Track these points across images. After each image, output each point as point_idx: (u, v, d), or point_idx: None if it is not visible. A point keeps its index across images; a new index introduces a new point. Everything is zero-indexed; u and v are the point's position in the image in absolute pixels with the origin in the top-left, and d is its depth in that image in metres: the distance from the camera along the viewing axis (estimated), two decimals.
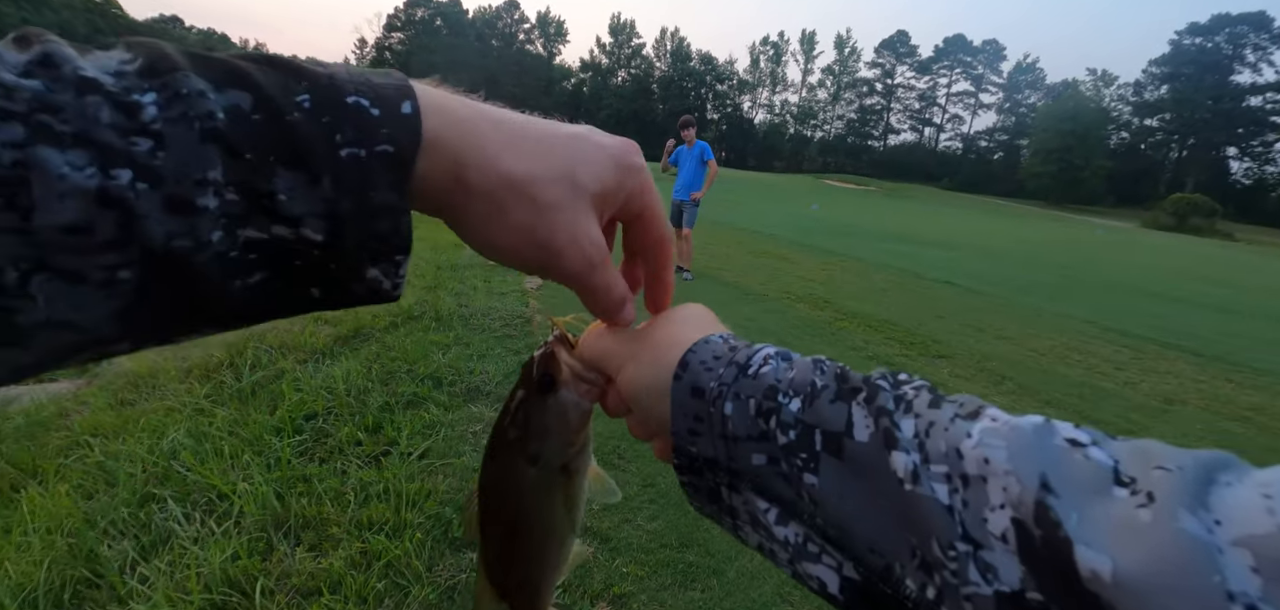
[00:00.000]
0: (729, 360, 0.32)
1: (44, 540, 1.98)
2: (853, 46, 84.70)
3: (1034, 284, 8.99)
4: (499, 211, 0.30)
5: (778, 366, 0.31)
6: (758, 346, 0.33)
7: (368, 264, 0.27)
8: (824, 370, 0.30)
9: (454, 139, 0.28)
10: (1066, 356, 5.14)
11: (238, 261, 0.24)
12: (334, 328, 4.05)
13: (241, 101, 0.23)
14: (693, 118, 6.82)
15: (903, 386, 0.28)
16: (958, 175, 73.96)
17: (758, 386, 0.30)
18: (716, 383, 0.31)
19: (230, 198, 0.23)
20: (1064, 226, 27.70)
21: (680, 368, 0.33)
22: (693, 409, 0.32)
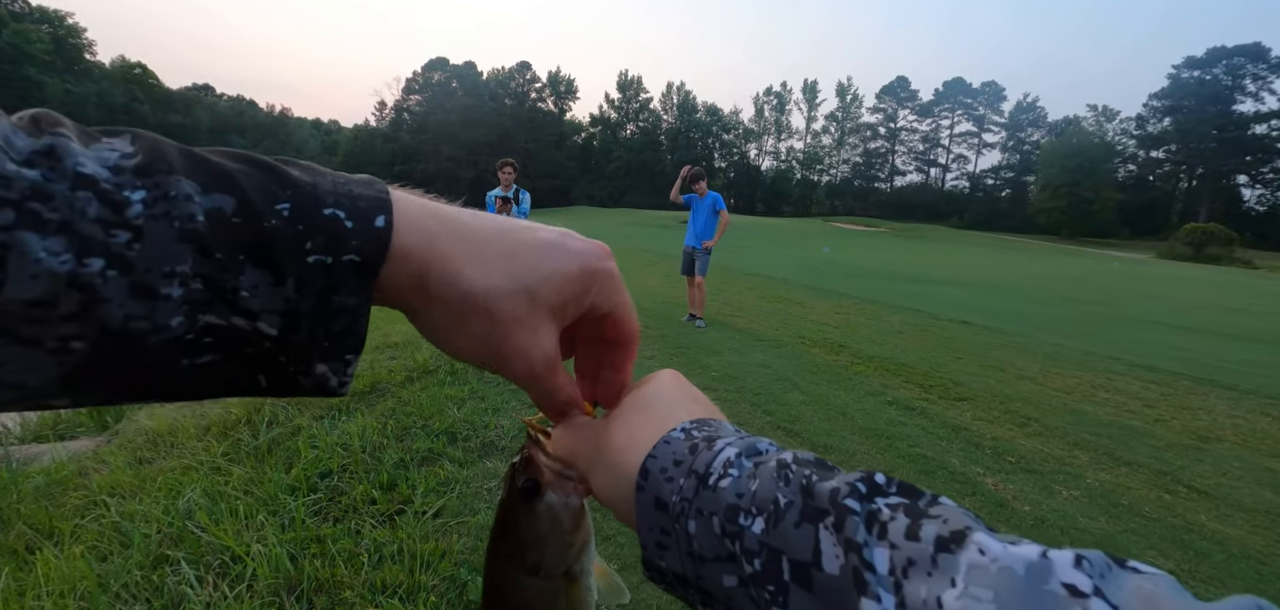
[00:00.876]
0: (689, 468, 0.29)
1: (57, 604, 1.95)
2: (854, 93, 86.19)
3: (1053, 320, 8.85)
4: (456, 320, 0.31)
5: (739, 478, 0.28)
6: (720, 443, 0.30)
7: (318, 360, 0.28)
8: (789, 480, 0.26)
9: (421, 251, 0.30)
10: (1092, 395, 5.01)
11: (192, 343, 0.25)
12: (351, 381, 4.05)
13: (224, 204, 0.25)
14: (702, 169, 6.91)
15: (876, 503, 0.24)
16: (966, 213, 73.97)
17: (719, 503, 0.27)
18: (678, 497, 0.29)
19: (195, 287, 0.25)
20: (1078, 260, 27.43)
21: (641, 476, 0.31)
22: (658, 522, 0.30)
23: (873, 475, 0.25)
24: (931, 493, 0.24)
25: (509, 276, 0.32)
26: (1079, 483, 3.34)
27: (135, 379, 0.25)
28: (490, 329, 0.32)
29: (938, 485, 3.20)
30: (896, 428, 3.99)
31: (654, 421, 0.33)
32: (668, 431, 0.32)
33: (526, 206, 6.33)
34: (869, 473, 0.25)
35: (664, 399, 0.36)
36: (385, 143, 72.72)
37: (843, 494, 0.24)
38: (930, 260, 21.17)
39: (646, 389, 0.37)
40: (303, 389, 0.29)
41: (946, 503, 0.23)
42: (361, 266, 0.28)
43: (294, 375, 0.28)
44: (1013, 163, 77.73)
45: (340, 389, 0.30)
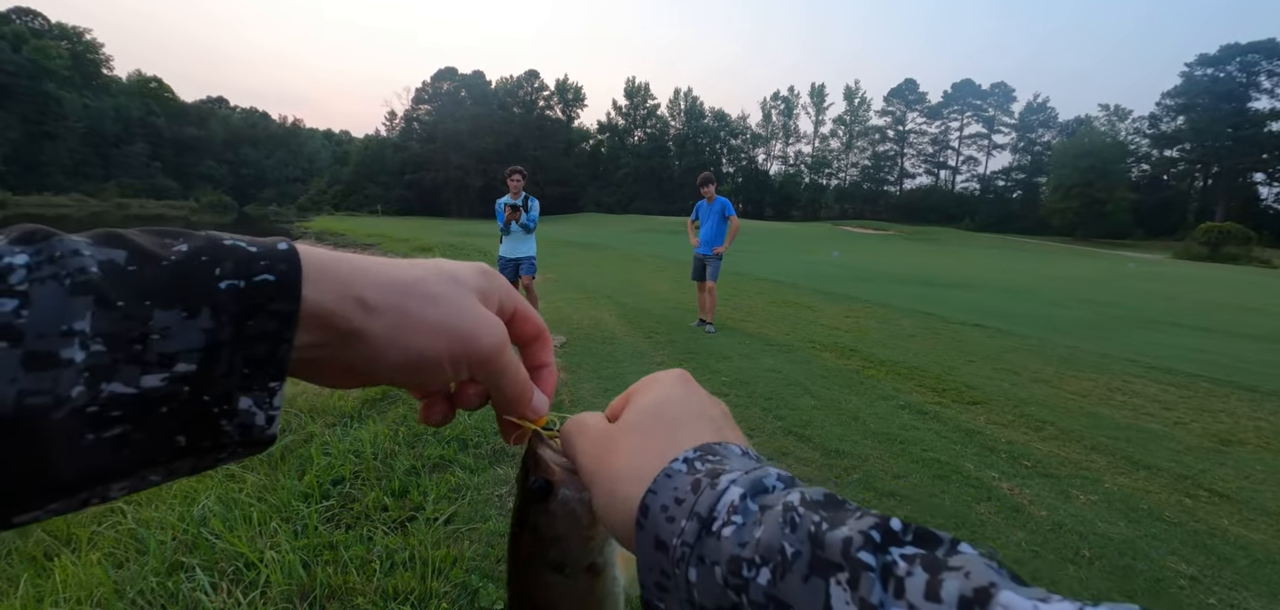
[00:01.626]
0: (691, 510, 0.27)
1: None
2: (862, 96, 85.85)
3: (1067, 322, 8.75)
4: (403, 316, 0.31)
5: (743, 525, 0.26)
6: (724, 480, 0.28)
7: (239, 393, 0.26)
8: (796, 525, 0.24)
9: (337, 266, 0.29)
10: (1109, 398, 4.94)
11: (96, 416, 0.23)
12: (362, 392, 4.08)
13: (116, 257, 0.24)
14: (711, 175, 6.91)
15: (891, 554, 0.22)
16: (977, 215, 73.34)
17: (722, 552, 0.25)
18: (679, 540, 0.27)
19: (96, 349, 0.22)
20: (1093, 261, 27.12)
21: (641, 513, 0.29)
22: (658, 563, 0.28)
23: (888, 522, 0.23)
24: (950, 538, 0.22)
25: (427, 271, 0.33)
26: (1097, 487, 3.29)
27: (30, 473, 0.22)
28: (440, 309, 0.32)
29: (952, 490, 3.16)
30: (909, 432, 3.95)
31: (656, 444, 0.31)
32: (670, 462, 0.30)
33: (536, 213, 6.36)
34: (883, 518, 0.23)
35: (668, 413, 0.33)
36: (395, 152, 73.30)
37: (856, 546, 0.22)
38: (941, 263, 21.01)
39: (649, 398, 0.35)
40: (226, 439, 0.27)
41: (967, 551, 0.21)
42: (278, 286, 0.27)
43: (216, 420, 0.26)
44: (1024, 164, 77.04)
45: (268, 429, 0.28)
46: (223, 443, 0.27)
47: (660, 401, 0.34)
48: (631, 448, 0.32)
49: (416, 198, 67.91)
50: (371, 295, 0.30)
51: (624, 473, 0.31)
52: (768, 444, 3.65)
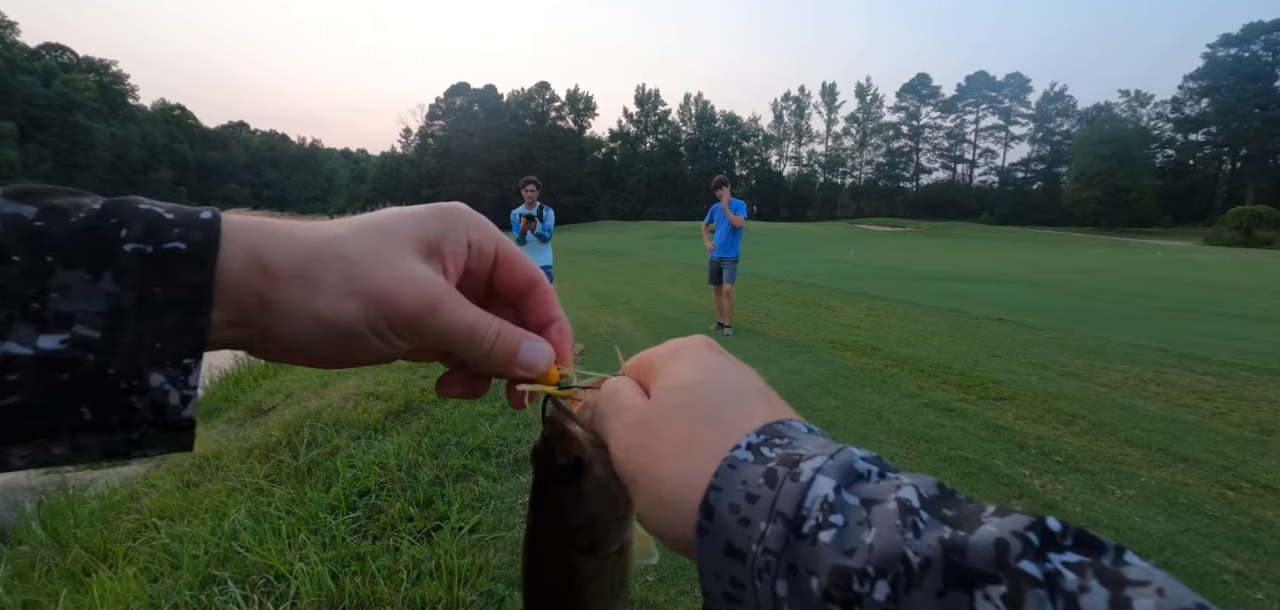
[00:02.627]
0: (771, 508, 0.23)
1: None
2: (874, 93, 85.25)
3: (1094, 314, 8.56)
4: (312, 284, 0.27)
5: (846, 527, 0.21)
6: (805, 468, 0.23)
7: (150, 368, 0.24)
8: (919, 528, 0.20)
9: (249, 231, 0.27)
10: (1141, 389, 4.81)
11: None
12: (385, 403, 4.13)
13: (24, 211, 0.23)
14: (725, 177, 6.88)
15: (1052, 562, 0.18)
16: (997, 208, 72.21)
17: (821, 562, 0.21)
18: (759, 547, 0.22)
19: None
20: (1119, 251, 26.54)
21: (703, 515, 0.24)
22: (727, 571, 0.24)
23: (1044, 521, 0.19)
24: (1114, 543, 0.18)
25: (351, 225, 0.30)
26: (1133, 481, 3.20)
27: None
28: (351, 269, 0.28)
29: (982, 488, 3.10)
30: (935, 430, 3.89)
31: (708, 430, 0.27)
32: (730, 450, 0.25)
33: (551, 223, 6.39)
34: (1037, 516, 0.19)
35: (711, 389, 0.29)
36: (411, 168, 74.44)
37: (1015, 553, 0.18)
38: (961, 258, 20.71)
39: (681, 371, 0.30)
40: (135, 417, 0.24)
41: (1137, 562, 0.18)
42: (188, 254, 0.25)
43: (125, 396, 0.24)
44: (1043, 154, 75.73)
45: (183, 411, 0.25)
46: (133, 421, 0.24)
47: (697, 375, 0.29)
48: (679, 437, 0.27)
49: None
50: (276, 260, 0.27)
51: (674, 469, 0.27)
52: None
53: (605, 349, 6.07)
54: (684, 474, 0.26)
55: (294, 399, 4.49)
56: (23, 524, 3.01)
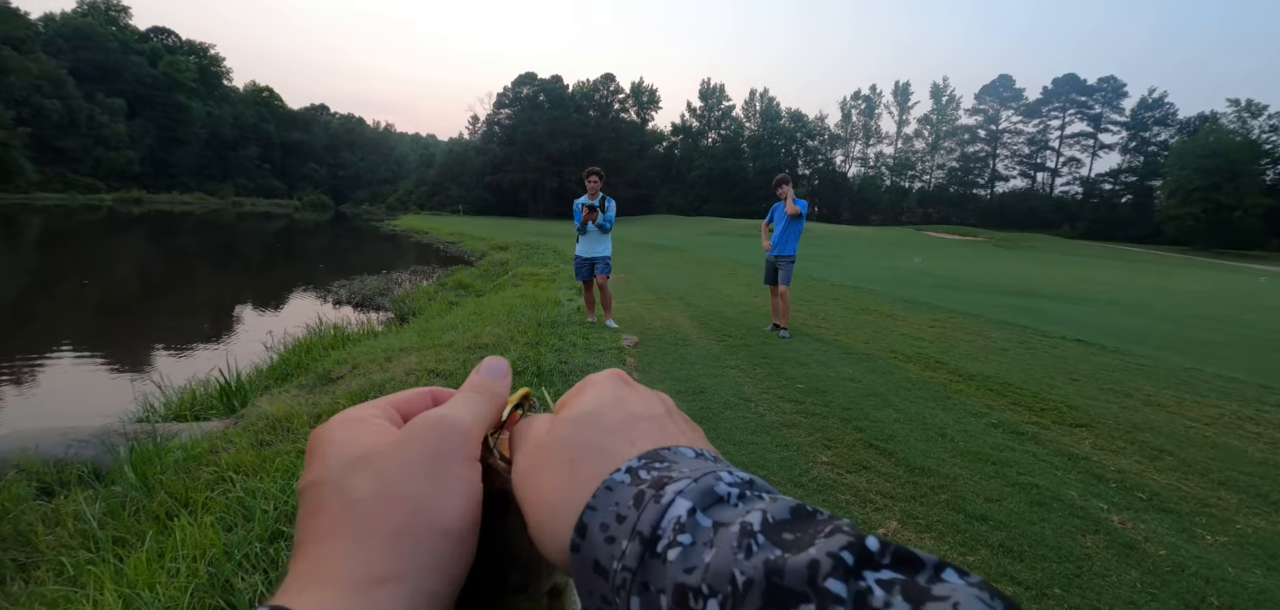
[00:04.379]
0: (633, 528, 0.24)
1: (189, 568, 2.15)
2: (951, 94, 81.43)
3: (1186, 342, 7.90)
4: None
5: (691, 546, 0.22)
6: (670, 491, 0.24)
7: None
8: (752, 551, 0.21)
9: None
10: (1238, 428, 4.41)
11: None
12: (445, 380, 4.26)
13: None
14: (787, 175, 6.72)
15: (866, 580, 0.19)
16: (1079, 222, 67.77)
17: (666, 579, 0.22)
18: (619, 564, 0.24)
19: None
20: (1217, 274, 24.38)
21: (577, 533, 0.25)
22: (598, 589, 0.24)
23: (863, 541, 0.20)
24: (935, 560, 0.19)
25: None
26: (1227, 528, 2.93)
27: None
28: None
29: (1053, 519, 2.91)
30: (1003, 453, 3.68)
31: (591, 455, 0.28)
32: (610, 473, 0.26)
33: (612, 214, 6.43)
34: (858, 536, 0.20)
35: (605, 418, 0.29)
36: (477, 155, 76.47)
37: (824, 572, 0.19)
38: (1037, 272, 19.54)
39: (580, 403, 0.31)
40: None
41: (954, 579, 0.18)
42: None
43: None
44: (1135, 165, 70.38)
45: None
46: None
47: (594, 405, 0.30)
48: (565, 461, 0.28)
49: (496, 198, 70.58)
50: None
51: (555, 489, 0.27)
52: (846, 456, 3.50)
53: (659, 343, 6.06)
54: (565, 496, 0.27)
55: (360, 370, 4.70)
56: (116, 466, 3.28)
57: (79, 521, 2.74)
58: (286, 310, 11.19)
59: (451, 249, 23.91)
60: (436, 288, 12.35)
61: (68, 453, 3.48)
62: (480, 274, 14.56)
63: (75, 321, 9.71)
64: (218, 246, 25.74)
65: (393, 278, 14.59)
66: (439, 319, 7.79)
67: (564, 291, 9.55)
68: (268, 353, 6.48)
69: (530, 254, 18.21)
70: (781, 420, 4.03)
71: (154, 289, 14.20)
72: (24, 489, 3.07)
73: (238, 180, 76.55)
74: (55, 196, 49.45)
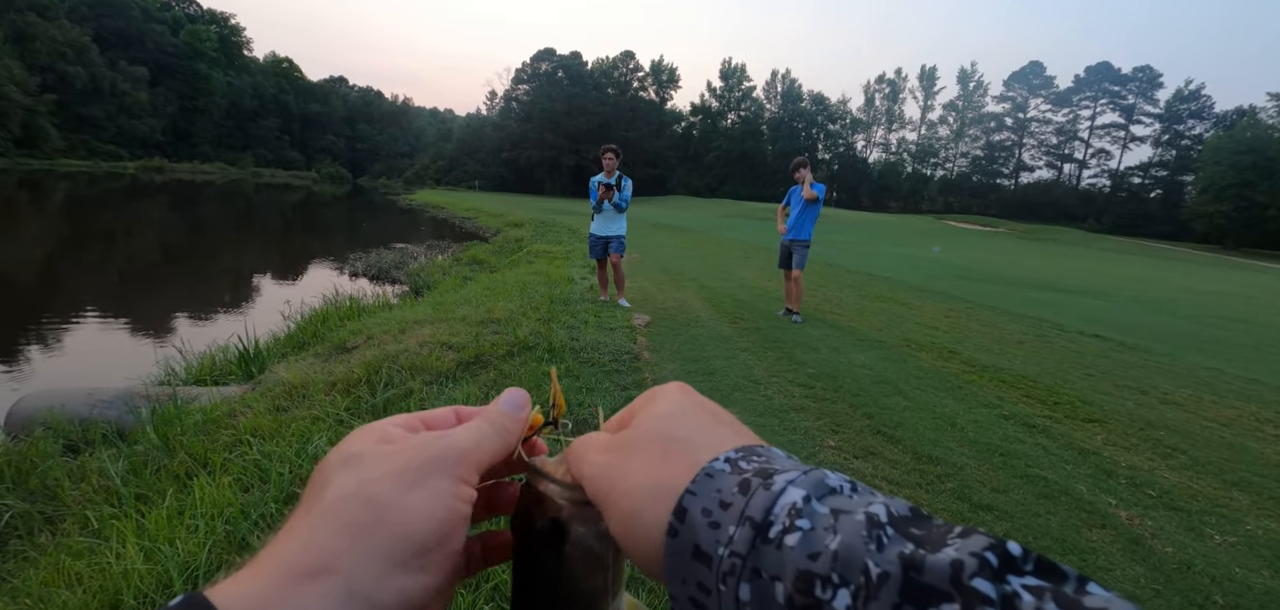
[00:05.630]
0: (741, 512, 0.23)
1: (208, 525, 2.22)
2: (978, 80, 79.54)
3: (1209, 341, 7.75)
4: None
5: (811, 530, 0.21)
6: (779, 479, 0.24)
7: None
8: (884, 541, 0.20)
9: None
10: (1257, 430, 4.34)
11: None
12: (458, 353, 4.31)
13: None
14: (806, 158, 6.65)
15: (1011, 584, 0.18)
16: (1105, 216, 66.25)
17: (785, 564, 0.21)
18: (726, 550, 0.23)
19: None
20: (1246, 274, 23.78)
21: (676, 516, 0.25)
22: (695, 576, 0.24)
23: (1005, 545, 0.19)
24: (1076, 573, 0.18)
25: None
26: (1237, 528, 2.90)
27: None
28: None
29: (1060, 512, 2.90)
30: (1013, 445, 3.66)
31: (684, 447, 0.28)
32: (708, 461, 0.26)
33: (629, 193, 6.41)
34: (998, 539, 0.19)
35: (690, 417, 0.29)
36: (494, 131, 76.38)
37: (969, 571, 0.18)
38: (1059, 265, 19.21)
39: (660, 406, 0.31)
40: None
41: (1100, 592, 0.18)
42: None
43: None
44: (1167, 159, 68.44)
45: None
46: None
47: (674, 409, 0.30)
48: (656, 451, 0.28)
49: (512, 175, 70.56)
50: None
51: (649, 476, 0.27)
52: (855, 441, 3.50)
53: (671, 323, 6.07)
54: (659, 482, 0.26)
55: (374, 341, 4.77)
56: (139, 427, 3.38)
57: (103, 478, 2.83)
58: (304, 281, 11.36)
59: (467, 224, 24.04)
60: (451, 262, 12.45)
61: (92, 412, 3.59)
62: (495, 250, 14.63)
63: (100, 286, 9.94)
64: (238, 216, 26.10)
65: (408, 251, 14.72)
66: (453, 293, 7.87)
67: (578, 269, 9.58)
68: (285, 322, 6.59)
69: (545, 231, 18.25)
70: (790, 404, 4.04)
71: (175, 256, 14.47)
72: (51, 446, 3.18)
73: (257, 151, 77.27)
74: (79, 163, 50.32)
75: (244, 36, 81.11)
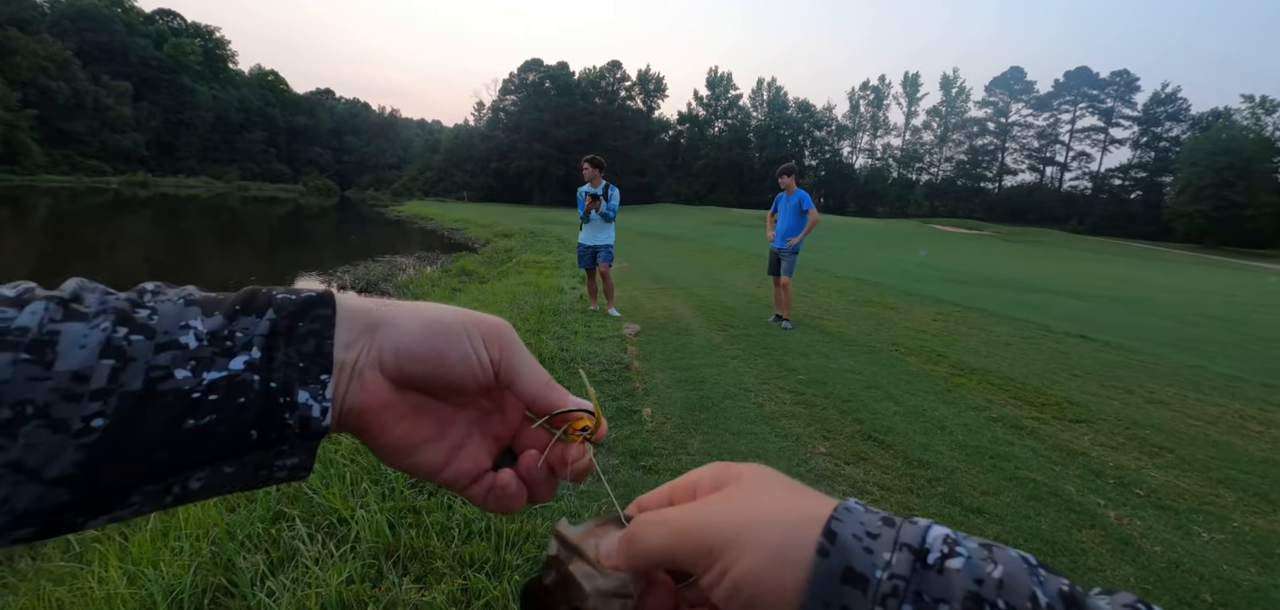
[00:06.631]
0: (896, 539, 0.24)
1: (193, 546, 2.18)
2: (960, 86, 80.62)
3: (1192, 340, 7.87)
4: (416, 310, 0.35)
5: (973, 560, 0.23)
6: (918, 519, 0.26)
7: (298, 386, 0.30)
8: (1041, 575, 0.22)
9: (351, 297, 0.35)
10: (1241, 427, 4.40)
11: (197, 402, 0.28)
12: None
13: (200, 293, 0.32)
14: (792, 165, 6.70)
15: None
16: (1087, 217, 67.26)
17: (951, 588, 0.22)
18: (885, 573, 0.23)
19: (202, 344, 0.29)
20: (1225, 273, 24.20)
21: (826, 537, 0.25)
22: (842, 598, 0.24)
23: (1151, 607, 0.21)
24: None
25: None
26: (1224, 525, 2.94)
27: (141, 454, 0.27)
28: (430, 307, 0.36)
29: (1049, 513, 2.92)
30: (1002, 447, 3.69)
31: (804, 490, 0.29)
32: (836, 504, 0.27)
33: (615, 202, 6.42)
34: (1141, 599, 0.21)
35: (784, 479, 0.30)
36: (482, 141, 76.29)
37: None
38: (1043, 267, 19.45)
39: (750, 467, 0.31)
40: (288, 432, 0.30)
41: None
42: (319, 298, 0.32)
43: (280, 413, 0.30)
44: (1146, 161, 69.67)
45: (323, 421, 0.31)
46: (286, 434, 0.30)
47: (768, 471, 0.31)
48: (783, 490, 0.29)
49: (501, 185, 70.45)
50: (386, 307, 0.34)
51: (787, 506, 0.27)
52: (845, 447, 3.51)
53: (661, 331, 6.07)
54: (801, 511, 0.27)
55: None
56: None
57: None
58: None
59: (456, 236, 23.94)
60: (440, 274, 12.38)
61: None
62: (484, 261, 14.58)
63: None
64: (223, 230, 25.83)
65: (397, 263, 14.63)
66: None
67: (567, 279, 9.56)
68: None
69: (534, 241, 18.21)
70: (781, 410, 4.04)
71: (159, 272, 14.28)
72: None
73: (243, 164, 76.64)
74: (61, 179, 49.62)
75: (229, 50, 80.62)
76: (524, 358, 0.36)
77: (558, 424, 0.36)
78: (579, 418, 0.36)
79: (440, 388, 0.34)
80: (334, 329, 0.32)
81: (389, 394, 0.33)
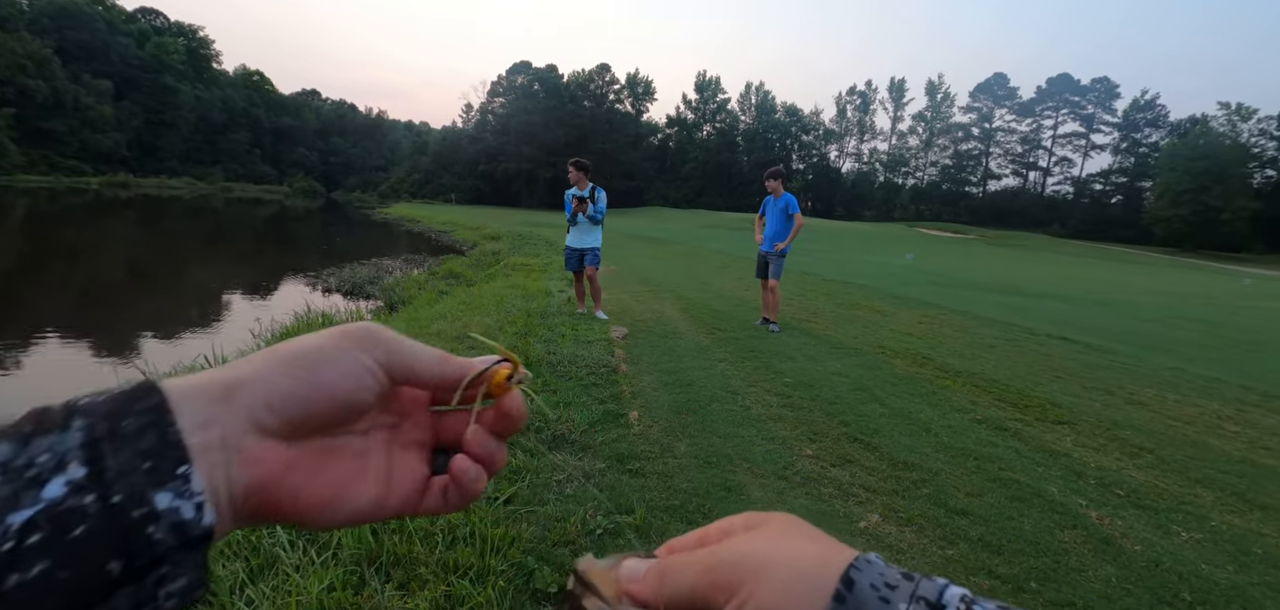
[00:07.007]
0: (913, 593, 0.25)
1: None
2: (945, 92, 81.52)
3: (1171, 341, 8.00)
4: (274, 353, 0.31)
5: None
6: (937, 579, 0.26)
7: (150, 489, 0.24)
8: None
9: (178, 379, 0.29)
10: (1218, 427, 4.48)
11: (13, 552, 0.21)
12: None
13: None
14: (780, 169, 6.74)
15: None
16: (1070, 221, 68.23)
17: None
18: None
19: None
20: (1203, 276, 24.67)
21: (843, 585, 0.26)
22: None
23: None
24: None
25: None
26: (1202, 525, 2.98)
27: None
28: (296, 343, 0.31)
29: (1032, 514, 2.95)
30: (986, 448, 3.72)
31: (826, 539, 0.29)
32: (857, 554, 0.28)
33: (603, 205, 6.41)
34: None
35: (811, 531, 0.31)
36: (470, 143, 75.88)
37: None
38: (1027, 270, 19.71)
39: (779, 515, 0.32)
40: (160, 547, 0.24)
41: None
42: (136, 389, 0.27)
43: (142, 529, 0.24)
44: (1126, 166, 70.88)
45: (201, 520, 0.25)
46: (158, 553, 0.24)
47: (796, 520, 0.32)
48: (806, 535, 0.29)
49: (489, 188, 70.12)
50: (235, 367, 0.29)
51: (807, 553, 0.28)
52: (831, 449, 3.53)
53: (649, 334, 6.07)
54: (821, 555, 0.27)
55: None
56: None
57: None
58: (275, 297, 11.11)
59: (443, 238, 23.80)
60: (427, 276, 12.29)
61: None
62: (471, 263, 14.50)
63: (60, 306, 9.60)
64: (207, 231, 25.49)
65: (383, 266, 14.50)
66: (428, 308, 7.76)
67: (555, 282, 9.53)
68: (254, 340, 6.44)
69: (522, 244, 18.14)
70: (768, 413, 4.05)
71: (140, 273, 14.05)
72: None
73: (227, 165, 75.62)
74: (40, 179, 48.67)
75: (213, 49, 79.62)
76: (407, 344, 0.33)
77: (476, 386, 0.34)
78: (496, 371, 0.34)
79: (338, 414, 0.30)
80: (171, 414, 0.26)
81: (285, 452, 0.29)
